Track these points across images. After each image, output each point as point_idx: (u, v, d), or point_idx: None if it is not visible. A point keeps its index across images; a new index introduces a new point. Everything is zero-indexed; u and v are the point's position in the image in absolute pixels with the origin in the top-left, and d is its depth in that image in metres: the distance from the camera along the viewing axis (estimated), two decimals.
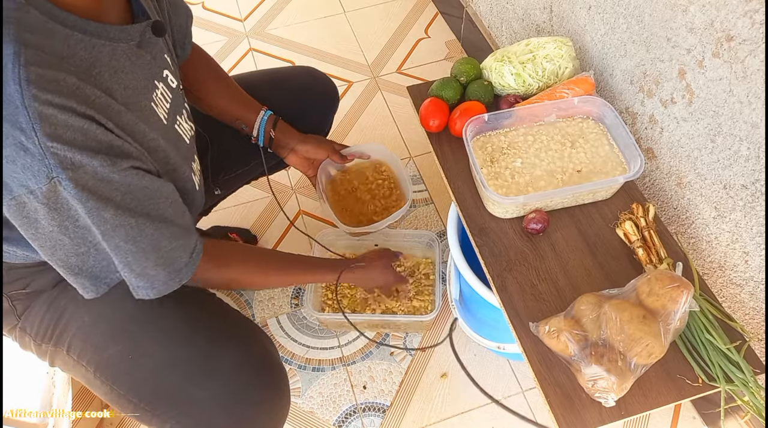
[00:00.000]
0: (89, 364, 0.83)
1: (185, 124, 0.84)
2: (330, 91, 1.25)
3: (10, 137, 0.56)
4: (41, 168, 0.58)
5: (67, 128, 0.58)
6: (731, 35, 0.81)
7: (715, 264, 1.01)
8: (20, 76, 0.55)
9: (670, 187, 1.07)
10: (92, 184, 0.62)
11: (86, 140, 0.60)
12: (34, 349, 0.88)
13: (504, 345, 1.16)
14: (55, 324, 0.85)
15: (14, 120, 0.56)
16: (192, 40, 1.00)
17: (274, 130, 1.11)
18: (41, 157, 0.57)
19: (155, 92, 0.76)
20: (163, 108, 0.77)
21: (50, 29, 0.60)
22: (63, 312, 0.85)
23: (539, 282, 0.92)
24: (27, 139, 0.56)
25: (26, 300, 0.86)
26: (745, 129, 0.84)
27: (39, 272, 0.84)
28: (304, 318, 1.39)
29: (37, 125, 0.56)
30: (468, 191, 1.04)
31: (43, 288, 0.86)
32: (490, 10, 1.72)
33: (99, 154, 0.61)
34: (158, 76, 0.78)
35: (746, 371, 0.79)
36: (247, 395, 0.81)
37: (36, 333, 0.86)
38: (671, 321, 0.77)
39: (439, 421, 1.24)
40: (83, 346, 0.84)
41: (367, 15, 2.15)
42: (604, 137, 1.04)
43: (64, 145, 0.58)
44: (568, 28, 1.27)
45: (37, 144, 0.57)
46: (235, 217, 1.57)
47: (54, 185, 0.60)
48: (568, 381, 0.81)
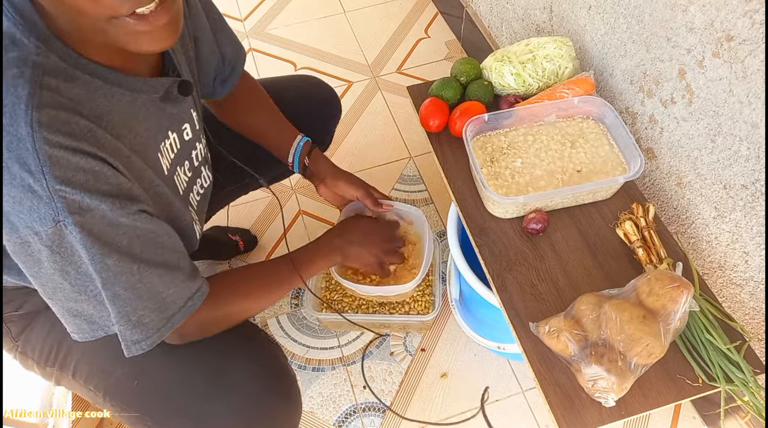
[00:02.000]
0: (97, 389, 0.82)
1: (183, 175, 0.83)
2: (331, 100, 1.23)
3: (18, 178, 0.55)
4: (48, 211, 0.57)
5: (77, 171, 0.58)
6: (731, 35, 0.81)
7: (715, 264, 1.01)
8: (32, 118, 0.55)
9: (670, 187, 1.07)
10: (98, 229, 0.61)
11: (96, 182, 0.59)
12: (37, 371, 0.87)
13: (504, 345, 1.16)
14: (58, 347, 0.84)
15: (23, 162, 0.55)
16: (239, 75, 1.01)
17: (308, 158, 1.08)
18: (48, 200, 0.57)
19: (165, 142, 0.76)
20: (167, 158, 0.77)
21: (70, 74, 0.60)
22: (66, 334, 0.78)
23: (539, 282, 0.92)
24: (35, 182, 0.56)
25: (21, 322, 0.85)
26: (745, 129, 0.84)
27: (30, 293, 0.82)
28: (304, 318, 1.39)
29: (47, 168, 0.55)
30: (468, 191, 1.04)
31: (38, 309, 0.84)
32: (490, 10, 1.72)
33: (109, 196, 0.60)
34: (175, 128, 0.78)
35: (746, 371, 0.79)
36: (259, 407, 0.80)
37: (39, 357, 0.85)
38: (671, 321, 0.77)
39: (439, 421, 1.24)
40: (90, 371, 0.82)
41: (367, 15, 2.15)
42: (604, 137, 1.04)
43: (74, 188, 0.57)
44: (568, 28, 1.27)
45: (45, 187, 0.56)
46: (235, 217, 1.57)
47: (59, 229, 0.59)
48: (568, 381, 0.81)
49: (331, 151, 1.70)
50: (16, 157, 0.55)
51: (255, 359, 0.83)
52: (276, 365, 0.85)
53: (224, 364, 0.80)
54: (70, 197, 0.57)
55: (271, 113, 1.08)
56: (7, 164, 0.55)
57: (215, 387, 0.79)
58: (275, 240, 1.54)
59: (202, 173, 0.91)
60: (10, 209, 0.57)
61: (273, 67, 1.96)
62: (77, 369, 0.83)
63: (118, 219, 0.62)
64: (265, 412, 0.81)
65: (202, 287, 0.76)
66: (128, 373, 0.81)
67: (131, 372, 0.81)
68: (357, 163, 1.69)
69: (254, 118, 1.07)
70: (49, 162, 0.55)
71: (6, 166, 0.55)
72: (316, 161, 1.10)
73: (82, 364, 0.83)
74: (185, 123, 0.81)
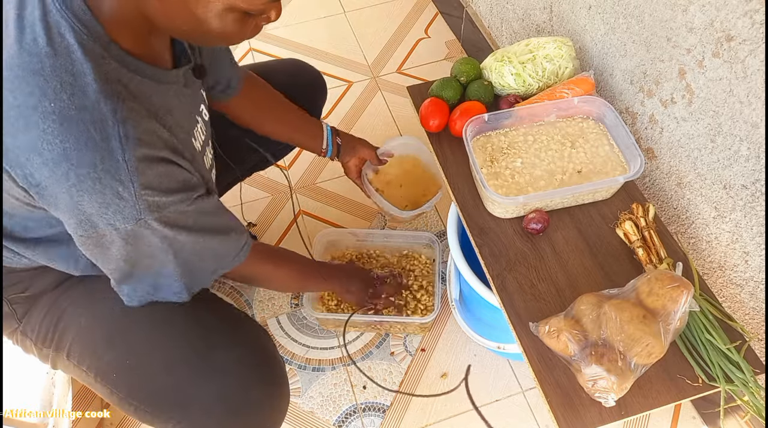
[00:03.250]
0: (89, 369, 0.83)
1: (209, 154, 0.90)
2: (316, 80, 1.26)
3: (108, 187, 0.62)
4: (132, 212, 0.64)
5: (157, 176, 0.65)
6: (731, 35, 0.81)
7: (715, 264, 1.01)
8: (120, 134, 0.61)
9: (670, 187, 1.07)
10: (173, 218, 0.69)
11: (170, 182, 0.67)
12: (36, 353, 0.88)
13: (504, 345, 1.16)
14: (54, 328, 0.85)
15: (114, 173, 0.61)
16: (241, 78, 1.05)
17: (340, 138, 1.23)
18: (134, 203, 0.64)
19: (197, 126, 0.82)
20: (199, 141, 0.83)
21: (128, 77, 0.65)
22: (62, 315, 0.85)
23: (539, 282, 0.92)
24: (124, 190, 0.62)
25: (26, 304, 0.86)
26: (745, 129, 0.84)
27: (38, 275, 0.84)
28: (304, 318, 1.39)
29: (135, 177, 0.62)
30: (468, 191, 1.04)
31: (44, 290, 0.86)
32: (490, 10, 1.72)
33: (178, 192, 0.69)
34: (197, 111, 0.84)
35: (746, 371, 0.79)
36: (246, 393, 0.81)
37: (37, 337, 0.86)
38: (671, 321, 0.77)
39: (439, 421, 1.24)
40: (82, 351, 0.84)
41: (367, 15, 2.15)
42: (604, 137, 1.04)
43: (153, 190, 0.65)
44: (568, 28, 1.27)
45: (133, 193, 0.63)
46: None
47: (140, 225, 0.66)
48: (568, 381, 0.81)
49: None
50: (108, 168, 0.61)
51: (242, 344, 0.85)
52: (263, 351, 0.87)
53: (211, 350, 0.82)
54: (151, 199, 0.65)
55: (294, 114, 1.17)
56: (100, 175, 0.61)
57: (201, 372, 0.81)
58: (275, 239, 1.54)
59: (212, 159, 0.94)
60: (93, 211, 0.64)
61: None
62: (71, 350, 0.85)
63: (186, 208, 0.71)
64: (251, 398, 0.82)
65: (248, 241, 0.86)
66: (118, 355, 0.83)
67: (121, 355, 0.83)
68: None
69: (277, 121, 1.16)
70: (137, 172, 0.62)
71: (98, 177, 0.61)
72: (348, 139, 1.25)
73: (75, 345, 0.84)
74: (201, 104, 0.86)
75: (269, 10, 0.65)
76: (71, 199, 0.62)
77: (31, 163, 0.60)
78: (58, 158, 0.59)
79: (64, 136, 0.59)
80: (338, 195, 1.62)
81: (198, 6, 0.59)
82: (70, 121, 0.59)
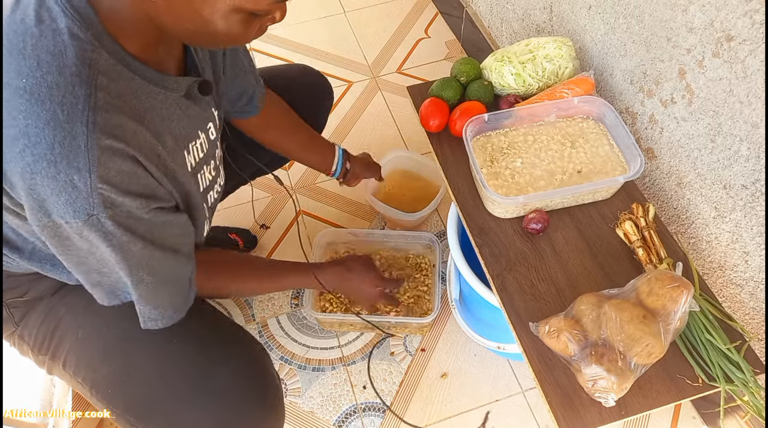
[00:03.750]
0: (84, 382, 0.83)
1: (208, 174, 0.86)
2: (323, 86, 1.26)
3: (63, 173, 0.58)
4: (84, 205, 0.60)
5: (118, 172, 0.61)
6: (731, 35, 0.81)
7: (715, 264, 1.01)
8: (89, 119, 0.58)
9: (670, 187, 1.07)
10: (125, 221, 0.65)
11: (131, 184, 0.63)
12: (32, 358, 0.88)
13: (504, 345, 1.16)
14: (51, 335, 0.84)
15: (72, 158, 0.57)
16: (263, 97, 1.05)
17: (349, 163, 1.26)
18: (87, 196, 0.60)
19: (196, 141, 0.80)
20: (194, 157, 0.80)
21: (118, 71, 0.63)
22: (59, 323, 0.84)
23: (539, 282, 0.92)
24: (80, 179, 0.58)
25: (24, 308, 0.86)
26: (745, 129, 0.84)
27: (37, 279, 0.83)
28: (304, 318, 1.39)
29: (94, 168, 0.58)
30: (468, 191, 1.04)
31: (42, 295, 0.85)
32: (490, 10, 1.72)
33: (137, 196, 0.65)
34: (202, 127, 0.82)
35: (746, 371, 0.79)
36: (241, 413, 0.80)
37: (34, 343, 0.85)
38: (671, 321, 0.77)
39: (439, 421, 1.24)
40: (78, 363, 0.83)
41: (367, 15, 2.15)
42: (604, 137, 1.04)
43: (112, 186, 0.61)
44: (568, 28, 1.27)
45: (88, 184, 0.59)
46: (235, 217, 1.57)
47: (91, 221, 0.62)
48: (568, 381, 0.81)
49: None
50: (67, 153, 0.57)
51: (240, 365, 0.83)
52: (261, 371, 0.85)
53: (209, 369, 0.81)
54: (107, 194, 0.61)
55: (307, 134, 1.19)
56: (56, 159, 0.57)
57: (198, 392, 0.79)
58: (275, 240, 1.54)
59: (220, 173, 0.93)
60: (45, 197, 0.60)
61: None
62: (67, 361, 0.84)
63: (141, 214, 0.66)
64: (247, 420, 0.81)
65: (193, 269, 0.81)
66: (114, 371, 0.82)
67: (117, 370, 0.81)
68: None
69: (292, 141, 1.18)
70: (97, 163, 0.58)
71: (54, 160, 0.57)
72: (355, 164, 1.28)
73: (71, 356, 0.84)
74: (209, 122, 0.84)
75: (274, 10, 0.65)
76: (24, 181, 0.59)
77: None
78: (17, 135, 0.57)
79: (28, 112, 0.57)
80: (338, 195, 1.62)
81: (204, 6, 0.58)
82: (38, 98, 0.57)
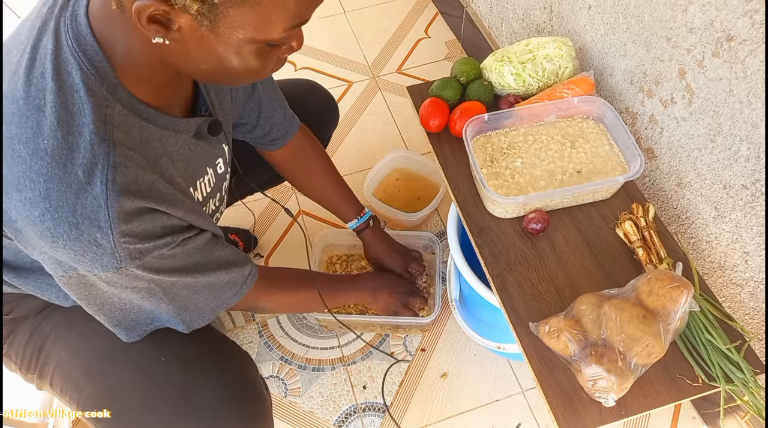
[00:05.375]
0: (71, 401, 0.82)
1: (212, 205, 0.87)
2: (330, 107, 1.25)
3: (85, 234, 0.58)
4: (111, 261, 0.61)
5: (140, 223, 0.62)
6: (731, 35, 0.81)
7: (715, 264, 1.01)
8: (107, 178, 0.58)
9: (670, 187, 1.07)
10: (157, 264, 0.66)
11: (154, 229, 0.64)
12: (20, 375, 0.88)
13: (504, 345, 1.16)
14: (37, 355, 0.84)
15: (93, 218, 0.58)
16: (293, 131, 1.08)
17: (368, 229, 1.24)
18: (112, 252, 0.60)
19: (204, 178, 0.80)
20: (201, 193, 0.81)
21: (130, 123, 0.63)
22: (44, 342, 0.84)
23: (539, 282, 0.92)
24: (102, 236, 0.59)
25: (8, 326, 0.85)
26: (745, 129, 0.84)
27: (24, 297, 0.83)
28: (304, 318, 1.39)
29: (115, 225, 0.59)
30: (468, 191, 1.04)
31: (28, 314, 0.85)
32: (490, 10, 1.72)
33: (163, 237, 0.65)
34: (211, 163, 0.83)
35: (746, 371, 0.79)
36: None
37: (21, 362, 0.85)
38: (671, 321, 0.77)
39: (439, 421, 1.24)
40: (63, 383, 0.83)
41: (367, 15, 2.15)
42: (604, 137, 1.04)
43: (135, 238, 0.62)
44: (568, 28, 1.27)
45: (111, 241, 0.59)
46: (235, 218, 1.57)
47: (121, 272, 0.63)
48: (568, 381, 0.81)
49: (331, 152, 1.70)
50: (89, 213, 0.58)
51: (223, 380, 0.82)
52: (247, 384, 0.84)
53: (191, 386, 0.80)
54: (132, 246, 0.62)
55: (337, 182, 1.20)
56: (78, 220, 0.58)
57: (180, 411, 0.79)
58: (275, 240, 1.54)
59: (224, 201, 0.94)
60: (70, 259, 0.61)
61: None
62: (53, 380, 0.84)
63: (173, 252, 0.68)
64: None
65: (252, 272, 0.85)
66: (97, 391, 0.81)
67: (101, 391, 0.81)
68: (357, 163, 1.69)
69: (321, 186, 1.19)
70: (117, 220, 0.59)
71: (77, 222, 0.58)
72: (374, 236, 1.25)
73: (57, 375, 0.83)
74: (218, 158, 0.85)
75: (291, 39, 0.63)
76: (45, 244, 0.59)
77: (10, 199, 0.58)
78: (37, 198, 0.57)
79: (49, 175, 0.56)
80: None
81: (218, 44, 0.57)
82: (59, 161, 0.57)
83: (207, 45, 0.57)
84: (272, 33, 0.57)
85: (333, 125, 1.29)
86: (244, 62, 0.59)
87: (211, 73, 0.62)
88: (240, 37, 0.56)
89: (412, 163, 1.55)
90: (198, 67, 0.61)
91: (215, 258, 0.77)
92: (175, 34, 0.56)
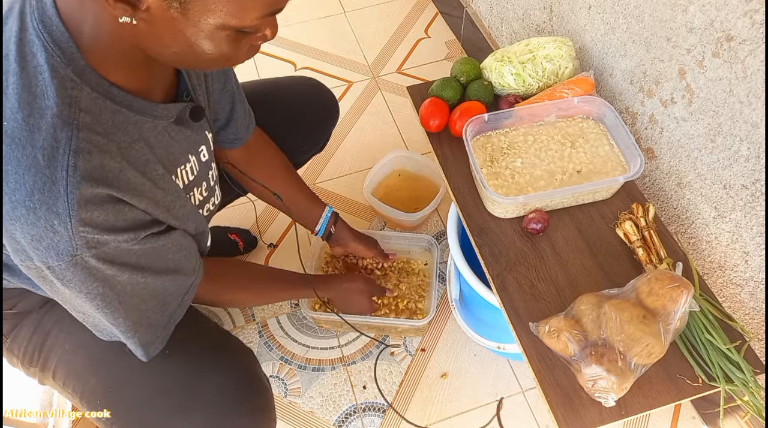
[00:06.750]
0: (74, 393, 0.82)
1: (198, 195, 0.85)
2: (330, 104, 1.24)
3: (42, 219, 0.57)
4: (67, 248, 0.59)
5: (100, 212, 0.59)
6: (731, 35, 0.81)
7: (715, 264, 1.01)
8: (68, 163, 0.56)
9: (670, 187, 1.07)
10: (112, 255, 0.64)
11: (116, 221, 0.62)
12: (21, 369, 0.88)
13: (504, 345, 1.16)
14: (40, 348, 0.84)
15: (51, 204, 0.56)
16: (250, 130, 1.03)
17: (335, 226, 1.21)
18: (69, 239, 0.58)
19: (185, 165, 0.78)
20: (183, 179, 0.78)
21: (101, 106, 0.60)
22: (48, 336, 0.84)
23: (539, 282, 0.92)
24: (60, 223, 0.57)
25: (12, 321, 0.85)
26: (745, 129, 0.84)
27: (26, 292, 0.82)
28: (304, 318, 1.39)
29: (74, 212, 0.57)
30: (468, 191, 1.04)
31: (31, 308, 0.85)
32: (490, 10, 1.72)
33: (124, 231, 0.63)
34: (194, 151, 0.80)
35: (746, 371, 0.79)
36: (230, 423, 0.79)
37: (23, 356, 0.85)
38: (671, 321, 0.77)
39: (439, 421, 1.24)
40: (67, 375, 0.83)
41: (367, 15, 2.15)
42: (604, 137, 1.04)
43: (94, 228, 0.59)
44: (568, 28, 1.27)
45: (69, 228, 0.57)
46: (235, 218, 1.57)
47: (75, 261, 0.61)
48: (568, 381, 0.81)
49: (331, 152, 1.70)
50: (47, 199, 0.56)
51: (227, 374, 0.82)
52: (249, 378, 0.84)
53: (195, 380, 0.80)
54: (90, 236, 0.59)
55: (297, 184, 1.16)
56: (35, 205, 0.56)
57: (184, 404, 0.78)
58: (276, 240, 1.54)
59: (216, 192, 0.92)
60: (26, 244, 0.59)
61: (273, 67, 1.96)
62: (56, 372, 0.84)
63: (130, 246, 0.65)
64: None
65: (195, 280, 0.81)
66: (102, 382, 0.81)
67: (105, 381, 0.81)
68: (357, 163, 1.69)
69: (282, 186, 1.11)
70: (77, 206, 0.57)
71: (34, 206, 0.56)
72: (341, 230, 1.23)
73: (60, 368, 0.83)
74: (201, 145, 0.83)
75: (264, 27, 0.61)
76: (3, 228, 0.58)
77: None
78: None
79: (8, 157, 0.55)
80: (338, 195, 1.62)
81: (187, 27, 0.55)
82: (19, 143, 0.55)
83: (176, 27, 0.55)
84: (245, 20, 0.55)
85: (333, 123, 1.29)
86: (215, 48, 0.58)
87: (181, 57, 0.60)
88: (211, 22, 0.54)
89: (412, 163, 1.56)
90: (167, 50, 0.59)
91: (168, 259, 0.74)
92: (143, 14, 0.53)
